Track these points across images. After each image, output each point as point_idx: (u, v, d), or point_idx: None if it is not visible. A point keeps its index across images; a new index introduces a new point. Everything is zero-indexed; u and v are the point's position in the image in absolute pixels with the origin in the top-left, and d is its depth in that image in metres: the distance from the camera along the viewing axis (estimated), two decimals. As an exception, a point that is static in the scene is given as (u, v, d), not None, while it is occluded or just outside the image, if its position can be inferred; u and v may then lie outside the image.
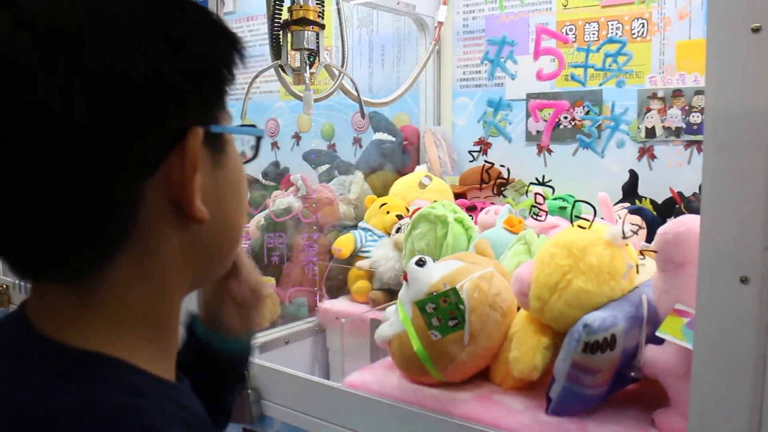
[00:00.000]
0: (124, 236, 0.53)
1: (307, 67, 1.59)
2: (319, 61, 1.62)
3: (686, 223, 1.00)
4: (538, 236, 1.40)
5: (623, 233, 1.07)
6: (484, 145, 1.79)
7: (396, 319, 1.26)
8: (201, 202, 0.55)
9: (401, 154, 2.29)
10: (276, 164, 2.65)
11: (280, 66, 1.63)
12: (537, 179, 1.04)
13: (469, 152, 1.22)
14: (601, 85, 1.08)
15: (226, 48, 0.58)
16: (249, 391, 1.50)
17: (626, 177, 1.86)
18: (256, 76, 1.67)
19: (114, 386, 0.51)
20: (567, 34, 1.99)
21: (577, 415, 1.11)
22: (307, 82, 1.58)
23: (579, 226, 1.09)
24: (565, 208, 1.72)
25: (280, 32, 1.60)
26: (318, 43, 1.60)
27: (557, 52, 1.30)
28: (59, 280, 0.54)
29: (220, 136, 0.59)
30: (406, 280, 1.25)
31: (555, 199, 1.76)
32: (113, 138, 0.49)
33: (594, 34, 1.96)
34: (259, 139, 0.67)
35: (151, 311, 0.57)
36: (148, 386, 0.53)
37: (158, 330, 0.58)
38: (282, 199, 1.98)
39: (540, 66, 1.15)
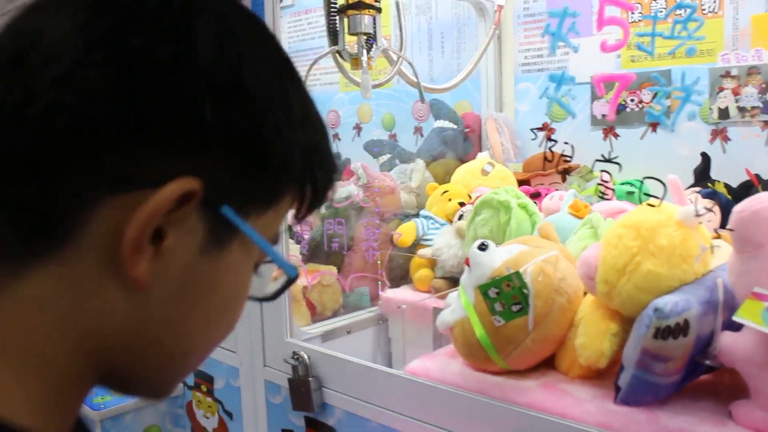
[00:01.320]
0: (53, 251, 0.44)
1: (365, 51, 1.57)
2: (376, 45, 1.60)
3: (765, 200, 0.94)
4: (605, 220, 1.35)
5: (696, 212, 1.02)
6: (548, 131, 1.74)
7: (458, 304, 1.23)
8: (155, 270, 0.45)
9: (463, 142, 2.26)
10: (337, 155, 2.65)
11: (338, 52, 1.62)
12: (603, 156, 1.00)
13: (531, 130, 1.17)
14: (670, 53, 1.02)
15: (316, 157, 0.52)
16: (311, 379, 1.50)
17: (697, 161, 1.78)
18: (313, 64, 1.66)
19: None
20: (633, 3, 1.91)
21: (647, 405, 1.06)
22: (364, 66, 1.57)
23: (649, 205, 1.04)
24: (632, 193, 1.67)
25: (337, 17, 1.59)
26: (375, 27, 1.58)
27: (622, 21, 1.24)
28: None
29: (229, 225, 0.47)
30: (468, 264, 1.22)
31: (623, 183, 1.70)
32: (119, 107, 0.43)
33: (662, 2, 1.88)
34: (289, 279, 0.52)
35: (52, 354, 0.45)
36: None
37: (50, 383, 0.45)
38: (343, 188, 1.97)
39: (604, 38, 1.10)
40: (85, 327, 0.45)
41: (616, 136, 1.99)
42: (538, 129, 2.15)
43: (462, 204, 1.85)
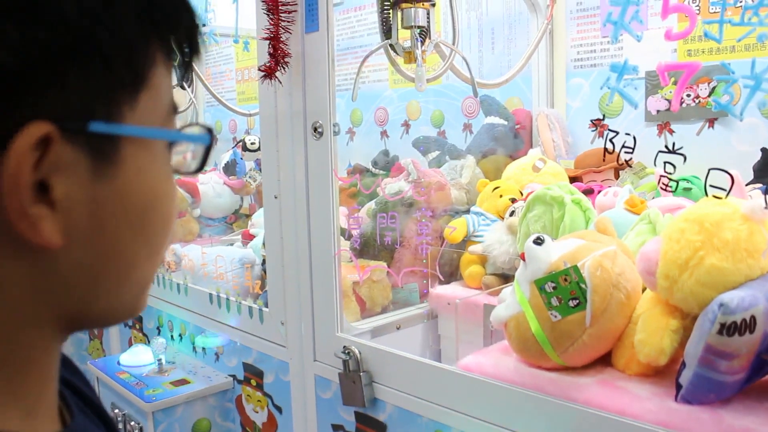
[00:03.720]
0: None
1: (419, 44, 1.56)
2: (429, 39, 1.59)
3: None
4: (663, 216, 1.32)
5: (766, 203, 0.98)
6: (600, 126, 1.71)
7: (513, 300, 1.22)
8: (61, 221, 0.42)
9: (513, 138, 2.23)
10: (385, 153, 2.65)
11: (391, 46, 1.61)
12: (666, 147, 0.97)
13: (591, 121, 1.15)
14: (739, 40, 0.99)
15: (127, 9, 0.43)
16: (362, 374, 1.50)
17: (756, 157, 1.73)
18: (366, 58, 1.66)
19: None
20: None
21: (710, 403, 1.03)
22: (419, 59, 1.55)
23: (715, 197, 1.01)
24: (690, 189, 1.63)
25: (390, 11, 1.58)
26: (428, 20, 1.57)
27: (688, 9, 1.21)
28: None
29: (109, 137, 0.43)
30: (524, 259, 1.20)
31: (679, 180, 1.66)
32: None
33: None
34: (207, 147, 0.50)
35: (15, 344, 0.44)
36: None
37: (5, 373, 0.45)
38: (393, 184, 1.97)
39: (669, 25, 1.08)
40: (31, 308, 0.44)
41: (672, 132, 1.95)
42: (590, 125, 2.11)
43: (513, 200, 1.83)
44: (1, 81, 0.38)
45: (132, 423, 2.04)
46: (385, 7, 1.58)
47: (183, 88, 2.86)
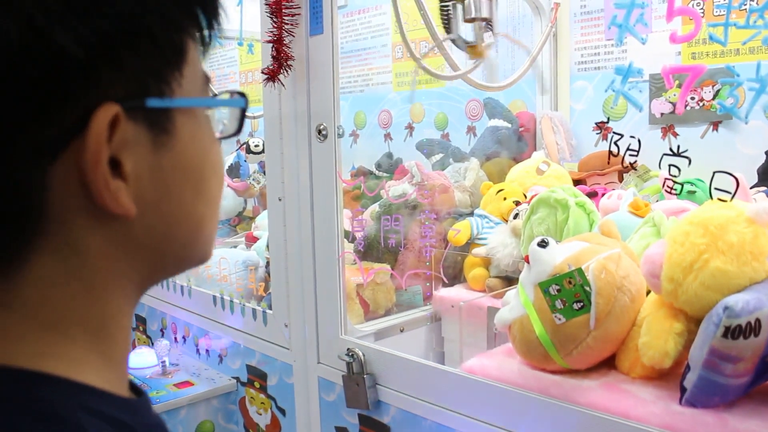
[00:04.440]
0: (36, 229, 0.46)
1: (491, 36, 1.50)
2: (493, 31, 1.51)
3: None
4: (667, 218, 1.32)
5: (770, 208, 0.98)
6: (604, 129, 1.71)
7: (517, 302, 1.22)
8: (132, 191, 0.47)
9: (517, 141, 2.23)
10: (389, 155, 2.65)
11: (452, 41, 1.55)
12: (671, 150, 0.98)
13: (596, 123, 1.15)
14: (744, 42, 0.99)
15: None
16: (365, 376, 1.50)
17: (761, 160, 1.73)
18: (426, 53, 1.61)
19: (30, 408, 0.43)
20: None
21: (714, 407, 1.03)
22: (487, 52, 1.49)
23: (719, 200, 1.01)
24: (694, 192, 1.63)
25: (450, 4, 1.52)
26: (491, 11, 1.50)
27: (693, 12, 1.21)
28: None
29: (164, 111, 0.49)
30: (528, 261, 1.20)
31: (684, 183, 1.66)
32: None
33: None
34: (242, 110, 0.56)
35: (83, 313, 0.48)
36: (84, 403, 0.45)
37: (97, 335, 0.49)
38: (396, 187, 1.97)
39: (673, 28, 1.08)
40: (115, 274, 0.50)
41: (676, 135, 1.95)
42: (594, 128, 2.11)
43: (517, 203, 1.83)
44: (72, 70, 0.43)
45: (135, 425, 2.03)
46: (445, 0, 1.52)
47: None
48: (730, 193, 1.02)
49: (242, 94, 0.56)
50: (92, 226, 0.47)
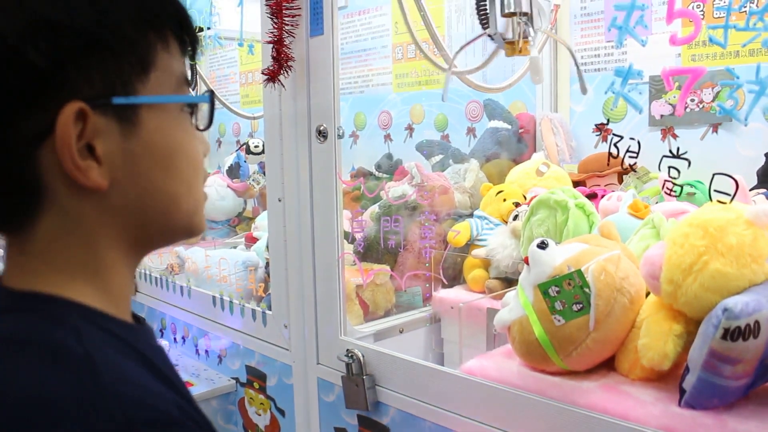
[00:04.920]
0: (37, 199, 0.59)
1: (531, 31, 1.44)
2: (533, 26, 1.43)
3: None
4: (667, 220, 1.32)
5: (769, 210, 0.98)
6: (604, 131, 1.71)
7: (516, 303, 1.22)
8: (107, 170, 0.59)
9: (517, 142, 2.23)
10: (389, 156, 2.65)
11: (490, 37, 1.49)
12: (670, 151, 0.98)
13: (596, 125, 1.15)
14: (744, 45, 0.99)
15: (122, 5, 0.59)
16: (365, 377, 1.50)
17: (761, 162, 1.74)
18: (461, 49, 1.56)
19: (48, 317, 0.57)
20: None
21: (714, 408, 1.03)
22: (531, 47, 1.42)
23: (719, 201, 1.01)
24: (694, 194, 1.63)
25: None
26: (531, 6, 1.42)
27: (693, 14, 1.21)
28: (5, 232, 0.62)
29: (130, 106, 0.60)
30: (528, 263, 1.20)
31: (684, 184, 1.66)
32: None
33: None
34: (211, 105, 0.68)
35: (81, 260, 0.61)
36: (83, 315, 0.58)
37: (95, 276, 0.62)
38: (396, 188, 1.97)
39: (673, 30, 1.08)
40: (106, 234, 0.62)
41: (675, 136, 1.95)
42: (594, 129, 2.11)
43: (517, 204, 1.83)
44: (41, 77, 0.55)
45: (135, 425, 2.03)
46: None
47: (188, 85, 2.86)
48: (729, 195, 1.03)
49: (211, 92, 0.70)
50: (78, 196, 0.59)
